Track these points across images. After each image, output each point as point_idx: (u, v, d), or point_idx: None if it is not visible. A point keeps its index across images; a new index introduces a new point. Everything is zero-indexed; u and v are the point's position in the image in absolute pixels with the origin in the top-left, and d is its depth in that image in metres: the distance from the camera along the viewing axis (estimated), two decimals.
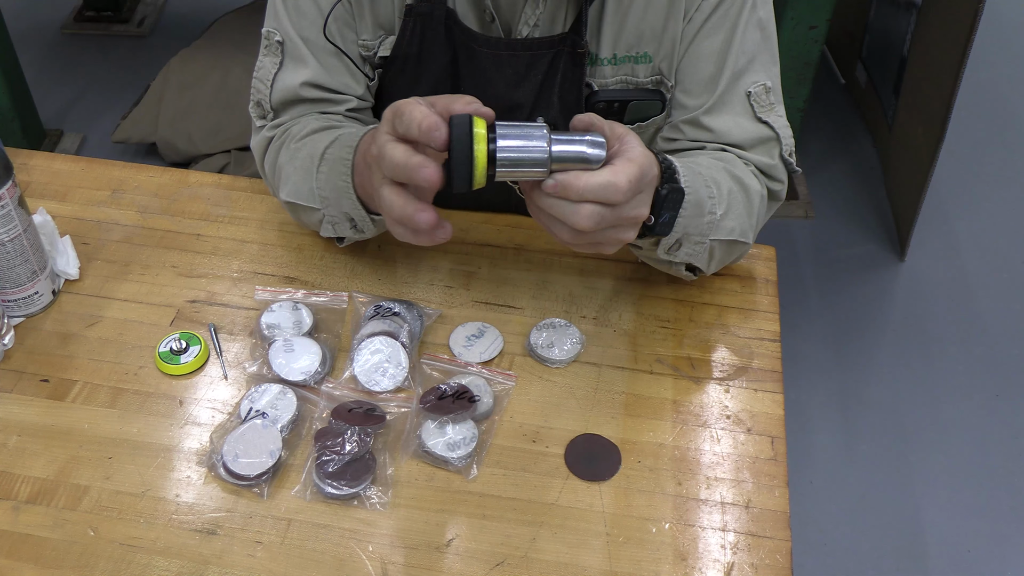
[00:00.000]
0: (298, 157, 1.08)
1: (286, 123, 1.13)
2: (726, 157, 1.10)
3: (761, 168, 1.11)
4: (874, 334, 2.33)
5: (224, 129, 2.55)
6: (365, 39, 1.12)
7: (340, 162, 1.02)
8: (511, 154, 0.81)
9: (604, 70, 1.10)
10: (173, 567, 0.88)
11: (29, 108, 2.61)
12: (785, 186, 1.14)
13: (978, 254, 2.53)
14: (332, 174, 1.03)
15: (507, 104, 1.11)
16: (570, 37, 1.07)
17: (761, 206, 1.10)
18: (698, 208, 0.98)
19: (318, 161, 1.04)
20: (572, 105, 1.11)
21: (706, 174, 1.01)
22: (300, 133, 1.10)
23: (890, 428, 2.13)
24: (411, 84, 1.14)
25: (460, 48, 1.09)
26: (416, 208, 0.85)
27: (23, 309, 1.08)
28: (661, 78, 1.12)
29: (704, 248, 1.03)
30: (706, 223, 1.00)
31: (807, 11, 2.19)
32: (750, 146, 1.11)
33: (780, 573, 0.90)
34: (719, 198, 1.01)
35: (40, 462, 0.96)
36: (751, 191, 1.07)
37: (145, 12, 3.20)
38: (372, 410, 0.98)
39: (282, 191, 1.10)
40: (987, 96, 2.98)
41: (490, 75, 1.10)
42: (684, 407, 1.03)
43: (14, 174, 1.01)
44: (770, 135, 1.11)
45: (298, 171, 1.07)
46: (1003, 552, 1.92)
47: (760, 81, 1.10)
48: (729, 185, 1.04)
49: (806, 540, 1.90)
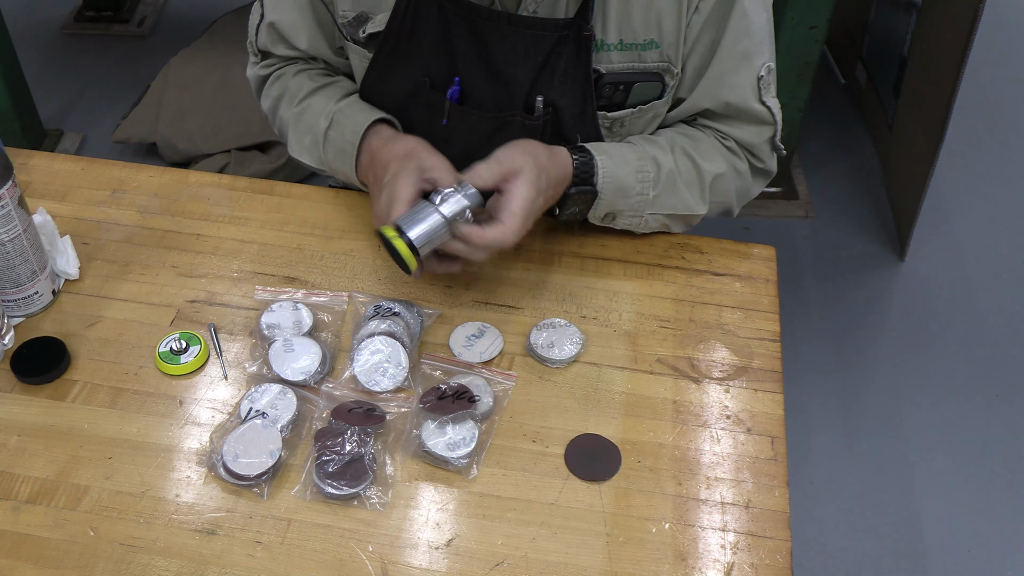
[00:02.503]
0: (301, 123, 1.21)
1: (277, 67, 1.27)
2: (695, 135, 1.19)
3: (744, 145, 1.19)
4: (874, 334, 2.33)
5: (224, 129, 2.54)
6: (345, 10, 1.15)
7: (344, 154, 1.16)
8: (422, 236, 1.01)
9: (611, 55, 1.11)
10: (173, 567, 0.88)
11: (29, 108, 2.61)
12: (773, 162, 1.24)
13: (978, 254, 2.53)
14: (338, 160, 1.18)
15: (505, 80, 1.12)
16: (575, 22, 1.08)
17: (730, 180, 1.20)
18: (622, 192, 1.13)
19: (322, 140, 1.18)
20: (579, 89, 1.12)
21: (645, 157, 1.14)
22: (299, 94, 1.23)
23: (890, 428, 2.13)
24: (403, 60, 1.15)
25: (457, 23, 1.10)
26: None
27: (23, 309, 1.08)
28: (668, 65, 1.13)
29: (641, 221, 1.17)
30: (636, 202, 1.14)
31: (807, 11, 2.19)
32: (743, 123, 1.18)
33: (780, 573, 0.90)
34: (653, 182, 1.14)
35: (40, 462, 0.96)
36: (703, 171, 1.17)
37: (145, 12, 3.20)
38: (372, 410, 0.98)
39: (292, 151, 1.24)
40: (987, 96, 2.98)
41: (492, 50, 1.11)
42: (684, 407, 1.03)
43: (14, 174, 1.01)
44: (767, 118, 1.18)
45: (305, 142, 1.21)
46: (1003, 552, 1.92)
47: (767, 63, 1.15)
48: (673, 166, 1.15)
49: (806, 540, 1.90)
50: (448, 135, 1.17)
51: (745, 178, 1.22)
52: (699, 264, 1.19)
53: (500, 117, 1.14)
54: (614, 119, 1.16)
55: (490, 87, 1.14)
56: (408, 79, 1.16)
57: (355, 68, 1.21)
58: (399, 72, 1.16)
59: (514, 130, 1.15)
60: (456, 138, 1.17)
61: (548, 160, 1.07)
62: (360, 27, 1.15)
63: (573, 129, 1.16)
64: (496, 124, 1.15)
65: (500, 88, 1.13)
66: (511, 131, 1.15)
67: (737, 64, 1.13)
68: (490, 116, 1.14)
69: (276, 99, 1.26)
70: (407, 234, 1.01)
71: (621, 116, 1.16)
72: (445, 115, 1.15)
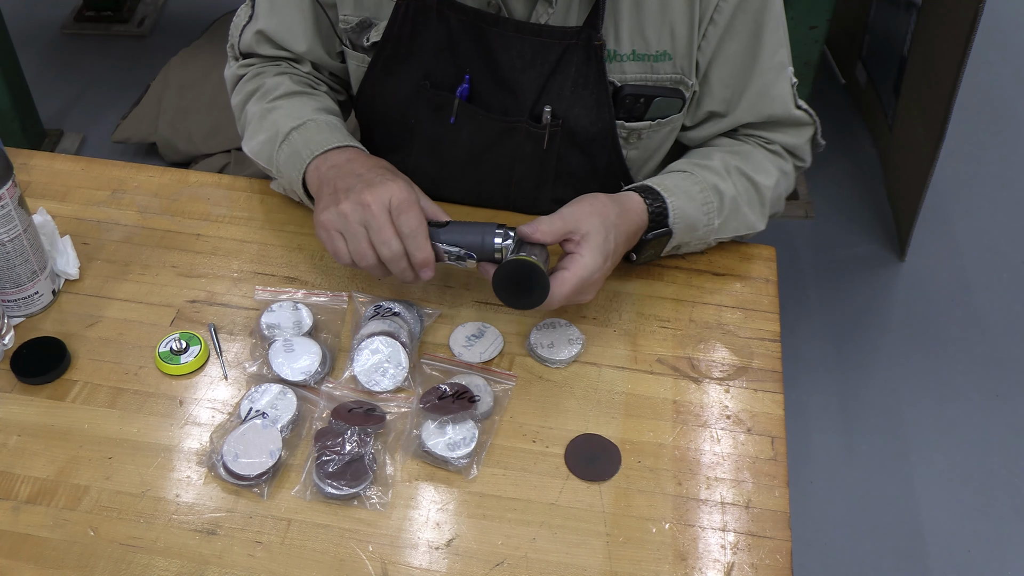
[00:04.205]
0: (266, 120, 1.15)
1: (257, 66, 1.22)
2: (743, 151, 1.18)
3: (788, 148, 1.20)
4: (874, 334, 2.33)
5: (224, 129, 2.54)
6: (346, 13, 1.14)
7: (297, 156, 1.10)
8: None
9: (624, 66, 1.11)
10: (173, 567, 0.88)
11: (29, 108, 2.61)
12: (810, 160, 1.25)
13: (978, 254, 2.53)
14: (289, 163, 1.11)
15: (511, 87, 1.12)
16: (584, 31, 1.07)
17: (781, 185, 1.20)
18: (691, 228, 1.12)
19: (282, 139, 1.12)
20: (593, 99, 1.11)
21: (706, 188, 1.12)
22: (274, 91, 1.17)
23: (890, 428, 2.13)
24: (404, 64, 1.14)
25: (461, 29, 1.10)
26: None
27: (23, 309, 1.08)
28: (682, 76, 1.12)
29: (706, 246, 1.18)
30: (702, 234, 1.14)
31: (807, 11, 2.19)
32: (786, 128, 1.19)
33: (780, 573, 0.90)
34: (718, 211, 1.13)
35: (40, 462, 0.96)
36: (761, 187, 1.17)
37: (145, 12, 3.20)
38: (372, 410, 0.98)
39: (245, 144, 1.20)
40: (987, 96, 2.98)
41: (498, 56, 1.10)
42: (684, 407, 1.03)
43: (14, 174, 1.01)
44: (807, 120, 1.20)
45: (262, 138, 1.15)
46: (1003, 552, 1.92)
47: (790, 69, 1.16)
48: (734, 191, 1.14)
49: (806, 540, 1.90)
50: (455, 135, 1.17)
51: (790, 178, 1.23)
52: (699, 264, 1.19)
53: (506, 122, 1.14)
54: (631, 130, 1.15)
55: (497, 92, 1.13)
56: (409, 82, 1.15)
57: (352, 73, 1.21)
58: (399, 76, 1.16)
59: (519, 137, 1.15)
60: (463, 138, 1.17)
61: (619, 217, 1.04)
62: (364, 33, 1.14)
63: (587, 140, 1.15)
64: (502, 128, 1.15)
65: (506, 94, 1.13)
66: (516, 137, 1.15)
67: (776, 76, 1.14)
68: (497, 119, 1.14)
69: (248, 93, 1.21)
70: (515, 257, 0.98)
71: (639, 128, 1.15)
72: (453, 113, 1.14)
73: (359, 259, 1.00)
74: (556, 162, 1.18)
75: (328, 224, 1.01)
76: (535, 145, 1.15)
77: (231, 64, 1.27)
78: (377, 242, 0.98)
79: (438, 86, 1.14)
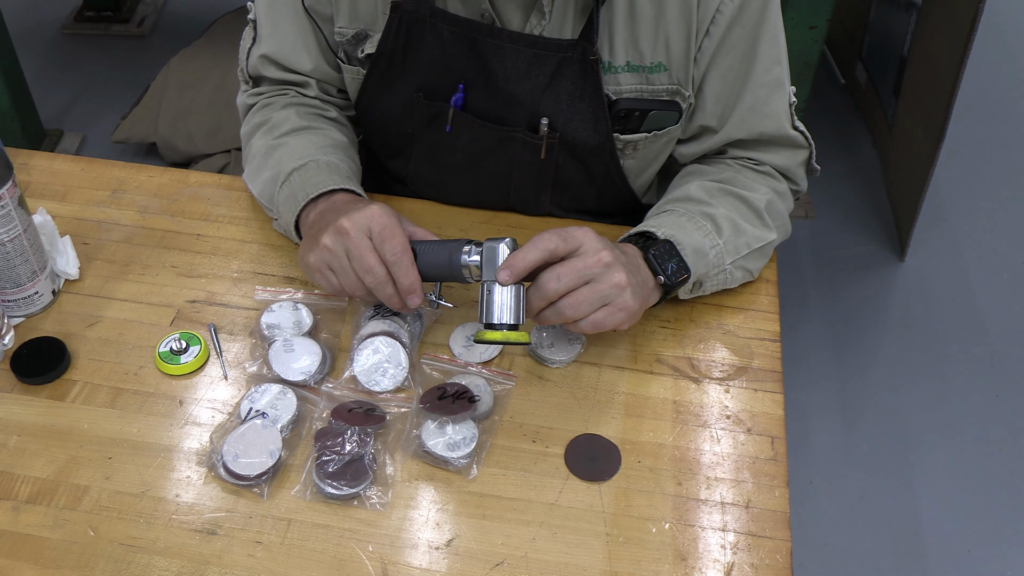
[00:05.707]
0: (271, 159, 1.13)
1: (267, 95, 1.21)
2: (724, 175, 1.15)
3: (779, 170, 1.18)
4: (874, 334, 2.33)
5: (224, 129, 2.54)
6: (341, 26, 1.14)
7: (294, 199, 1.08)
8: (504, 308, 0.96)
9: (619, 78, 1.10)
10: (173, 567, 0.88)
11: (29, 108, 2.61)
12: (806, 183, 1.22)
13: (978, 254, 2.53)
14: (286, 205, 1.09)
15: (506, 98, 1.12)
16: (579, 44, 1.07)
17: (777, 203, 1.16)
18: (699, 252, 1.07)
19: (283, 179, 1.10)
20: (590, 112, 1.11)
21: (694, 216, 1.09)
22: (280, 128, 1.16)
23: (890, 428, 2.13)
24: (399, 78, 1.14)
25: (455, 41, 1.09)
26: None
27: (23, 309, 1.08)
28: (678, 88, 1.11)
29: (727, 274, 1.10)
30: (713, 259, 1.08)
31: (807, 11, 2.19)
32: (777, 148, 1.16)
33: (780, 573, 0.90)
34: (716, 231, 1.09)
35: (40, 462, 0.96)
36: (751, 200, 1.13)
37: (145, 12, 3.20)
38: (372, 410, 0.98)
39: (249, 180, 1.19)
40: (987, 96, 2.98)
41: (493, 67, 1.10)
42: (684, 407, 1.03)
43: (14, 174, 1.01)
44: (801, 142, 1.17)
45: (266, 176, 1.13)
46: (1003, 552, 1.92)
47: (790, 88, 1.15)
48: (724, 212, 1.11)
49: (806, 540, 1.90)
50: (453, 142, 1.16)
51: (787, 198, 1.19)
52: None
53: (502, 131, 1.14)
54: (627, 142, 1.15)
55: (492, 103, 1.12)
56: (405, 93, 1.15)
57: (348, 86, 1.20)
58: (394, 89, 1.15)
59: (516, 145, 1.15)
60: (461, 145, 1.17)
61: (614, 248, 0.99)
62: (359, 46, 1.14)
63: (585, 151, 1.15)
64: (499, 136, 1.14)
65: (502, 105, 1.12)
66: (514, 146, 1.15)
67: (770, 92, 1.12)
68: (493, 127, 1.14)
69: (256, 126, 1.19)
70: (503, 323, 0.94)
71: (635, 140, 1.15)
72: (449, 122, 1.14)
73: (352, 291, 0.99)
74: (555, 171, 1.18)
75: (315, 265, 1.00)
76: (533, 154, 1.15)
77: (242, 90, 1.25)
78: (360, 270, 0.96)
79: (432, 97, 1.14)
